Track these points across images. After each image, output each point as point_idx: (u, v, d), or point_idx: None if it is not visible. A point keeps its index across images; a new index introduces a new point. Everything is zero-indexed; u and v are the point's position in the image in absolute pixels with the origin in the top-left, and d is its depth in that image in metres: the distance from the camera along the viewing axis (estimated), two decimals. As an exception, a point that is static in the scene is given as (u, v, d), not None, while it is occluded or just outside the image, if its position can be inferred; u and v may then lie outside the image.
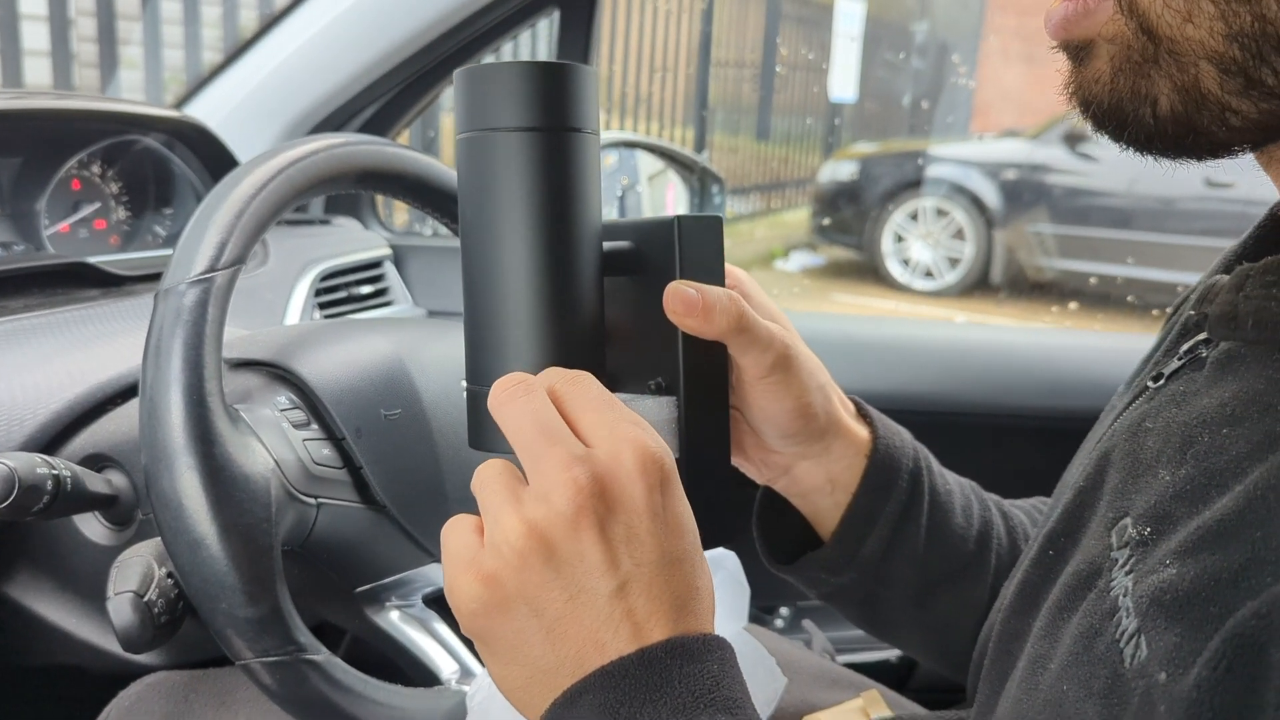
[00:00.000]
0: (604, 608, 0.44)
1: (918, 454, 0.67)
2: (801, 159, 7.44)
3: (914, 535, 0.66)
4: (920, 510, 0.66)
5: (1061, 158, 5.45)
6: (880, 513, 0.65)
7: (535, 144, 0.50)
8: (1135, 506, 0.43)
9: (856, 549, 0.65)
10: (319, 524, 0.72)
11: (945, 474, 0.70)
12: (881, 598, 0.68)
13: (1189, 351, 0.48)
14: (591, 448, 0.45)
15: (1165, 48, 0.39)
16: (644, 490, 0.45)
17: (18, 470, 0.66)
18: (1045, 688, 0.42)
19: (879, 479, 0.64)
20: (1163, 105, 0.40)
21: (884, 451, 0.65)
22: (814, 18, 7.04)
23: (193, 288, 0.64)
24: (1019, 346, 1.47)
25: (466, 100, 0.51)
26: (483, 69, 0.50)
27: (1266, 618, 0.33)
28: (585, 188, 0.51)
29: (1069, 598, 0.45)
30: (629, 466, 0.45)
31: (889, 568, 0.66)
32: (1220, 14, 0.38)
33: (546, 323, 0.51)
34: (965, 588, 0.68)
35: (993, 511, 0.71)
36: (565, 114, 0.50)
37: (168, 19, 3.25)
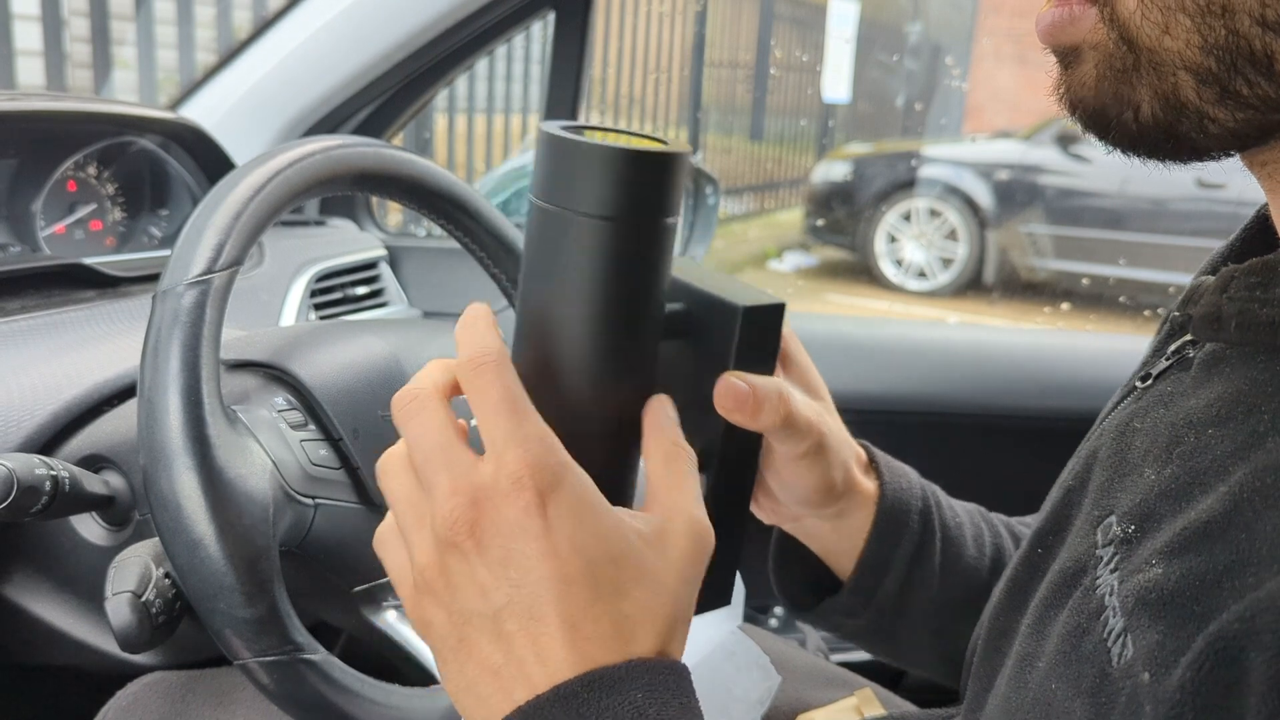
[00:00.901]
0: (488, 632, 0.43)
1: (925, 493, 0.68)
2: (795, 159, 7.45)
3: (929, 573, 0.67)
4: (933, 549, 0.67)
5: (1054, 158, 5.47)
6: (893, 557, 0.66)
7: (619, 234, 0.46)
8: (1120, 505, 0.43)
9: (873, 593, 0.67)
10: (316, 524, 0.72)
11: (954, 505, 0.71)
12: (902, 633, 0.69)
13: (1176, 352, 0.48)
14: (480, 462, 0.44)
15: (1145, 57, 0.40)
16: (519, 510, 0.43)
17: (16, 471, 0.66)
18: (1034, 686, 0.43)
19: (890, 524, 0.66)
20: (1144, 111, 0.41)
21: (892, 498, 0.66)
22: (807, 19, 7.05)
23: (191, 289, 0.65)
24: (1012, 347, 1.47)
25: (551, 170, 0.47)
26: (576, 145, 0.46)
27: (1249, 620, 0.33)
28: (661, 273, 0.49)
29: (1055, 595, 0.45)
30: (504, 486, 0.43)
31: (906, 606, 0.67)
32: (1196, 27, 0.39)
33: (601, 389, 0.49)
34: (981, 614, 0.69)
35: (1003, 535, 0.72)
36: (656, 206, 0.47)
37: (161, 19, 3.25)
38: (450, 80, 1.44)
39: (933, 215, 5.67)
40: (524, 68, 4.81)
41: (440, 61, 1.37)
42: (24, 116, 1.04)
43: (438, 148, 4.22)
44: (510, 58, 4.74)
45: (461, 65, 1.40)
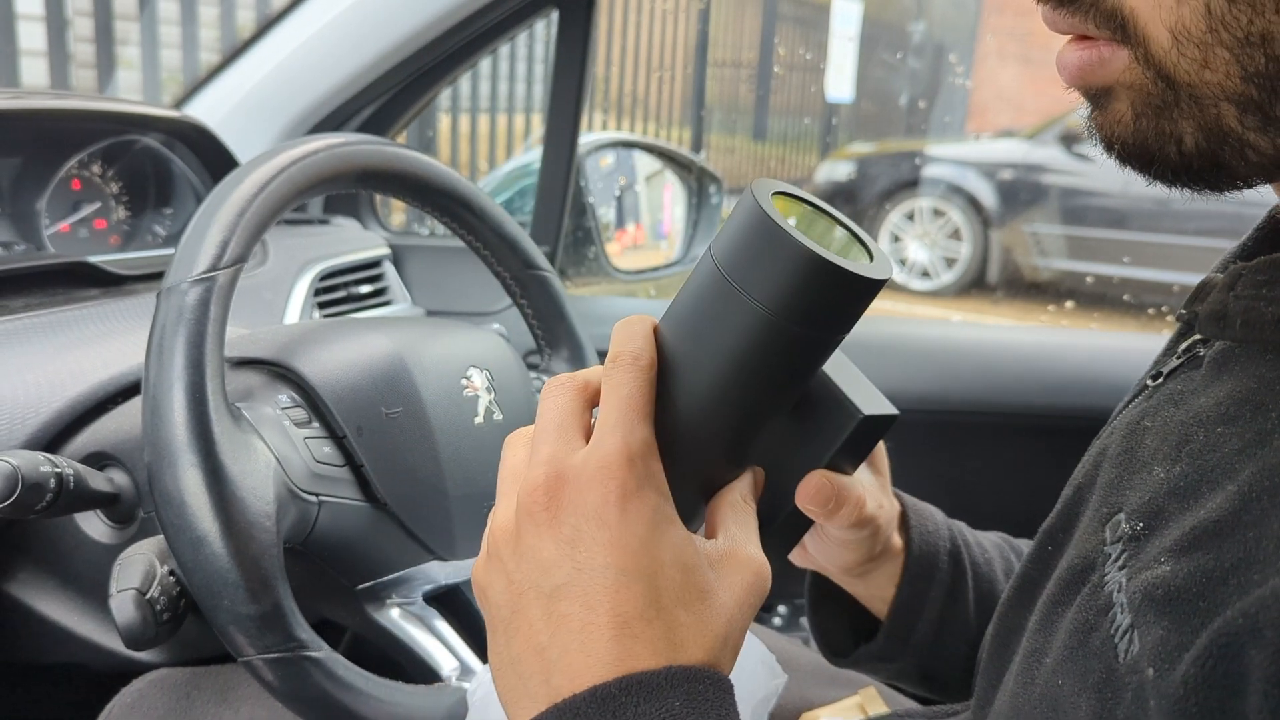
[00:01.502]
0: (541, 608, 0.43)
1: (953, 532, 0.70)
2: (798, 159, 7.44)
3: (963, 612, 0.68)
4: (965, 587, 0.68)
5: (1058, 158, 5.46)
6: (925, 600, 0.67)
7: (790, 338, 0.44)
8: (1129, 502, 0.43)
9: (908, 637, 0.68)
10: (320, 521, 0.72)
11: (981, 540, 0.72)
12: (943, 672, 0.70)
13: (1187, 350, 0.48)
14: (584, 445, 0.45)
15: (1185, 92, 0.40)
16: (598, 497, 0.43)
17: (21, 468, 0.66)
18: (1041, 682, 0.43)
19: (920, 569, 0.67)
20: (1188, 143, 0.41)
21: (920, 543, 0.67)
22: (811, 18, 7.04)
23: (195, 286, 0.65)
24: (1018, 345, 1.47)
25: (744, 244, 0.43)
26: (781, 236, 0.42)
27: (1252, 617, 0.33)
28: (809, 378, 0.48)
29: (1063, 592, 0.45)
30: (591, 470, 0.44)
31: (944, 646, 0.68)
32: (1235, 59, 0.38)
33: (707, 450, 0.48)
34: None
35: None
36: (838, 325, 0.44)
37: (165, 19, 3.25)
38: (453, 79, 1.44)
39: (936, 215, 5.66)
40: (527, 67, 4.81)
41: (443, 60, 1.37)
42: (28, 115, 1.04)
43: (441, 147, 4.23)
44: (514, 57, 4.74)
45: (465, 64, 1.40)
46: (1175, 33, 0.39)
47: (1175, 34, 0.39)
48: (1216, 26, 0.38)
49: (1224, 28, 0.38)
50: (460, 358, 0.85)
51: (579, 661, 0.42)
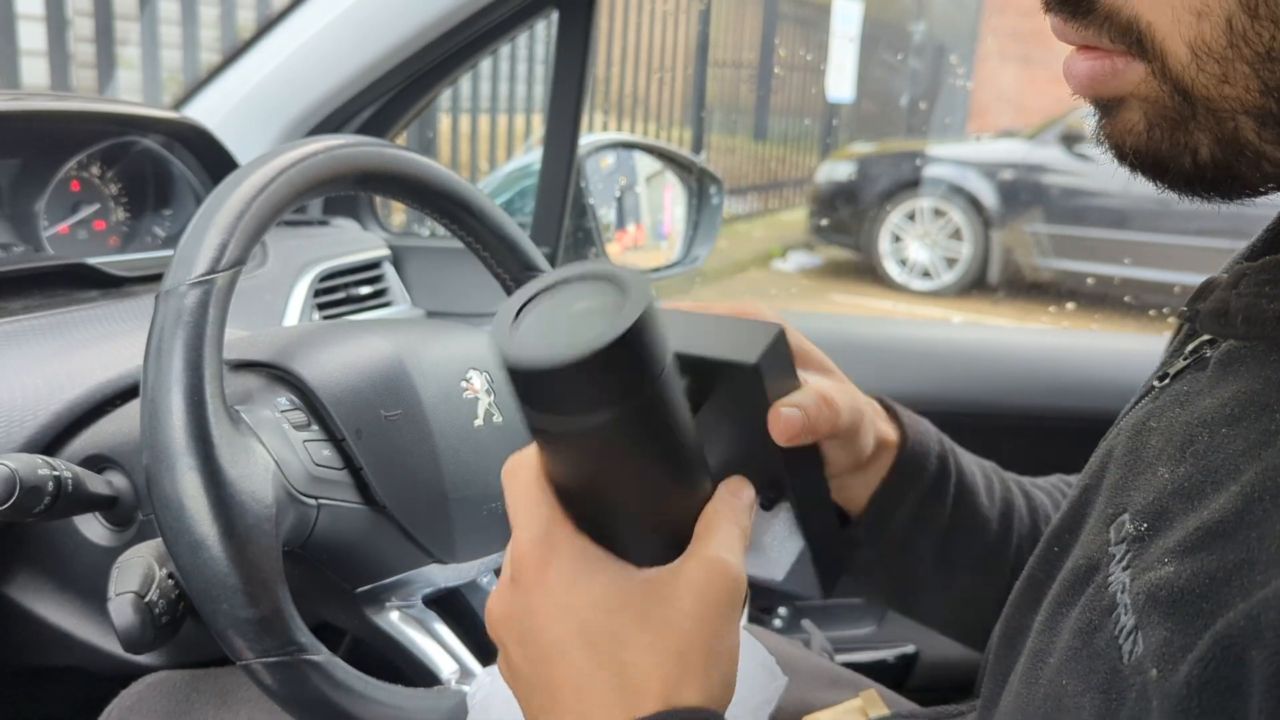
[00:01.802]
0: (525, 701, 0.47)
1: (943, 441, 0.69)
2: (799, 159, 7.45)
3: (939, 514, 0.67)
4: (946, 489, 0.67)
5: (1058, 158, 5.46)
6: (908, 492, 0.66)
7: (623, 424, 0.42)
8: (1134, 503, 0.43)
9: (885, 526, 0.67)
10: (319, 524, 0.72)
11: (969, 457, 0.72)
12: (906, 572, 0.69)
13: (1194, 352, 0.48)
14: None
15: (1202, 106, 0.40)
16: (523, 593, 0.46)
17: (19, 471, 0.66)
18: (1045, 682, 0.43)
19: (909, 465, 0.66)
20: (1203, 154, 0.41)
21: (913, 441, 0.66)
22: (812, 18, 7.04)
23: (194, 289, 0.65)
24: (1020, 346, 1.47)
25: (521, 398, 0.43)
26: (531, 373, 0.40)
27: (1254, 619, 0.33)
28: (682, 417, 0.45)
29: (1068, 593, 0.45)
30: (513, 573, 0.47)
31: (915, 544, 0.68)
32: (1255, 73, 0.38)
33: (650, 523, 0.48)
34: (988, 564, 0.70)
35: (1014, 491, 0.73)
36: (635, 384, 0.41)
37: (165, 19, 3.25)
38: (454, 80, 1.44)
39: (937, 215, 5.66)
40: (528, 68, 4.81)
41: (443, 61, 1.37)
42: (27, 116, 1.04)
43: (441, 147, 4.23)
44: (514, 57, 4.74)
45: (465, 64, 1.40)
46: (1194, 48, 0.38)
47: (1195, 49, 0.38)
48: (1238, 42, 0.37)
49: (1245, 43, 0.37)
50: (460, 360, 0.85)
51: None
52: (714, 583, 0.45)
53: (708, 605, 0.45)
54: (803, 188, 7.29)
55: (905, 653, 1.44)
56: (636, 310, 0.40)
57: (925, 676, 1.43)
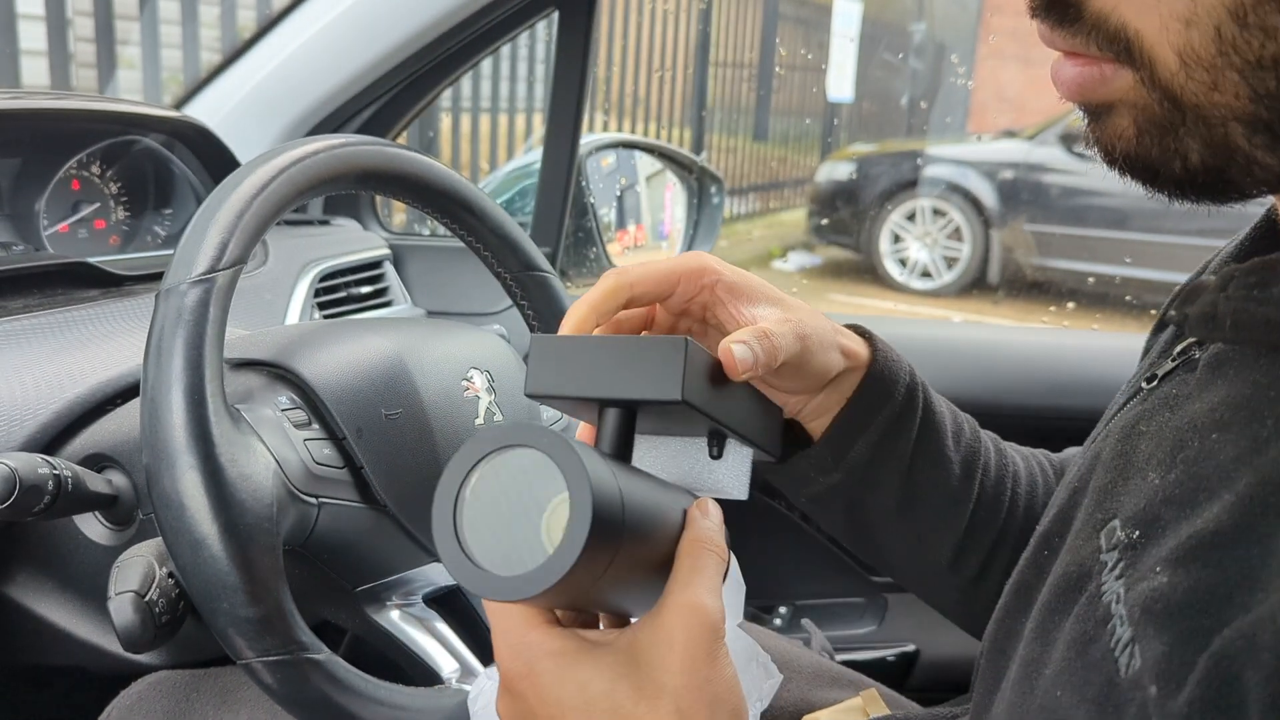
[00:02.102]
0: None
1: (914, 374, 0.68)
2: (799, 159, 7.44)
3: (903, 446, 0.66)
4: (912, 423, 0.66)
5: (1058, 158, 5.46)
6: (873, 419, 0.65)
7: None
8: (1124, 509, 0.43)
9: (845, 451, 0.66)
10: (320, 523, 0.72)
11: (941, 400, 0.70)
12: (865, 504, 0.68)
13: (1182, 353, 0.48)
14: None
15: (1192, 113, 0.39)
16: (506, 707, 0.49)
17: (19, 470, 0.66)
18: (1040, 693, 0.43)
19: (875, 389, 0.65)
20: (1194, 160, 0.41)
21: (882, 365, 0.65)
22: (812, 18, 7.04)
23: (194, 287, 0.65)
24: (1019, 345, 1.47)
25: None
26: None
27: (1251, 639, 0.33)
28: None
29: (1059, 600, 0.45)
30: (500, 689, 0.49)
31: (875, 474, 0.66)
32: (1244, 80, 0.38)
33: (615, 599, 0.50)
34: (946, 508, 0.68)
35: (984, 444, 0.71)
36: (605, 556, 0.43)
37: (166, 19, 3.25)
38: (454, 79, 1.44)
39: (937, 215, 5.66)
40: (528, 67, 4.81)
41: (444, 60, 1.37)
42: (28, 115, 1.03)
43: (442, 147, 4.23)
44: (515, 57, 4.74)
45: (466, 64, 1.40)
46: (1183, 56, 0.38)
47: (1183, 57, 0.38)
48: (1227, 50, 0.37)
49: (1235, 51, 0.37)
50: (461, 359, 0.85)
51: None
52: (694, 632, 0.47)
53: (694, 655, 0.46)
54: (803, 188, 7.28)
55: (905, 652, 1.44)
56: (584, 510, 0.41)
57: (925, 675, 1.43)
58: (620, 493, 0.44)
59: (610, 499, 0.43)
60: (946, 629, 0.88)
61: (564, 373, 0.50)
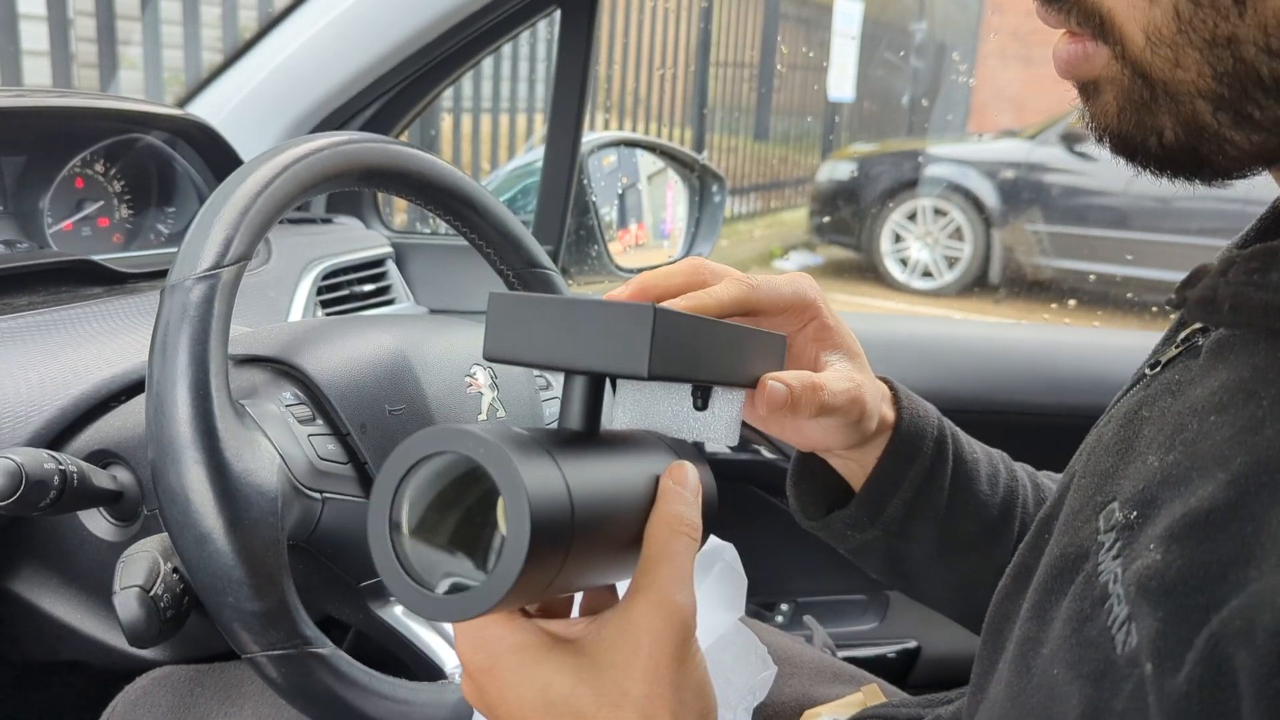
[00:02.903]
0: None
1: (942, 425, 0.70)
2: (800, 159, 7.44)
3: (936, 498, 0.68)
4: (943, 476, 0.68)
5: (1059, 157, 5.46)
6: (904, 477, 0.67)
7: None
8: (1124, 491, 0.43)
9: (880, 509, 0.68)
10: (324, 519, 0.72)
11: (973, 444, 0.73)
12: (905, 554, 0.71)
13: (1186, 340, 0.48)
14: None
15: (1161, 89, 0.42)
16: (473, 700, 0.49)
17: (25, 465, 0.67)
18: (1038, 671, 0.43)
19: (904, 447, 0.67)
20: (1168, 136, 0.43)
21: (909, 424, 0.67)
22: (813, 18, 7.04)
23: (199, 283, 0.65)
24: (1020, 342, 1.47)
25: None
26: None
27: (1247, 617, 0.33)
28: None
29: (1055, 580, 0.45)
30: (461, 684, 0.50)
31: (912, 528, 0.69)
32: (1204, 59, 0.40)
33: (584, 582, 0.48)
34: (989, 550, 0.71)
35: (1020, 481, 0.73)
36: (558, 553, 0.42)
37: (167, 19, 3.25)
38: (456, 78, 1.44)
39: (938, 214, 5.66)
40: (529, 67, 4.81)
41: (446, 59, 1.37)
42: (32, 113, 1.04)
43: (443, 147, 4.23)
44: (515, 57, 4.74)
45: (467, 63, 1.40)
46: (1148, 33, 0.41)
47: (1149, 34, 0.41)
48: (1185, 28, 0.40)
49: (1192, 29, 0.40)
50: (464, 355, 0.85)
51: None
52: (659, 634, 0.45)
53: (660, 658, 0.45)
54: (804, 187, 7.28)
55: (907, 648, 1.45)
56: (523, 520, 0.38)
57: (927, 672, 1.43)
58: (568, 492, 0.41)
59: (553, 503, 0.40)
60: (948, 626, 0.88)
61: (525, 337, 0.47)
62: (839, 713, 0.82)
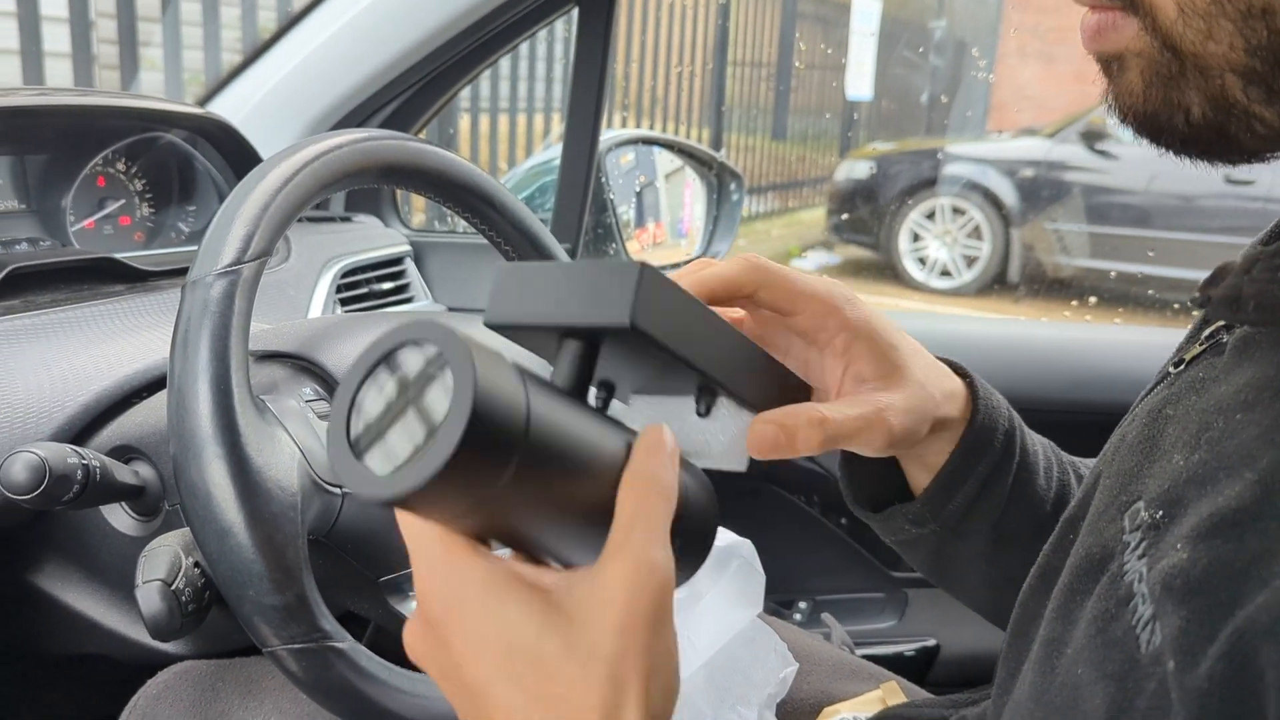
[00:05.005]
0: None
1: (1011, 415, 0.66)
2: (818, 158, 7.43)
3: (999, 494, 0.65)
4: (1009, 470, 0.65)
5: (1079, 155, 5.43)
6: (972, 473, 0.63)
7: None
8: (1149, 490, 0.43)
9: (944, 506, 0.64)
10: (344, 514, 0.72)
11: (1032, 435, 0.69)
12: (954, 550, 0.67)
13: (1210, 337, 0.48)
14: None
15: (1190, 62, 0.41)
16: (428, 649, 0.44)
17: (48, 460, 0.67)
18: (1062, 671, 0.43)
19: (976, 444, 0.63)
20: (1195, 113, 0.42)
21: (983, 416, 0.63)
22: (831, 16, 7.02)
23: (220, 279, 0.65)
24: (1038, 339, 1.46)
25: None
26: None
27: (1272, 611, 0.33)
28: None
29: (1080, 580, 0.45)
30: (414, 629, 0.44)
31: (969, 525, 0.65)
32: (1238, 30, 0.39)
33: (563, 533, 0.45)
34: (1036, 547, 0.68)
35: (1070, 474, 0.70)
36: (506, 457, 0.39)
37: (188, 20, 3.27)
38: (474, 76, 1.44)
39: (956, 213, 5.64)
40: (547, 67, 4.81)
41: (464, 57, 1.38)
42: (54, 112, 1.05)
43: (461, 147, 4.24)
44: (533, 56, 4.75)
45: (486, 61, 1.40)
46: (1181, 4, 0.40)
47: (1180, 5, 0.40)
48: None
49: (1227, 0, 0.39)
50: (481, 351, 0.85)
51: None
52: (636, 592, 0.41)
53: (635, 616, 0.41)
54: (821, 186, 7.27)
55: (926, 646, 1.44)
56: (466, 391, 0.37)
57: (946, 670, 1.43)
58: (526, 399, 0.39)
59: (504, 398, 0.38)
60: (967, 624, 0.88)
61: (523, 301, 0.46)
62: (858, 710, 0.82)
